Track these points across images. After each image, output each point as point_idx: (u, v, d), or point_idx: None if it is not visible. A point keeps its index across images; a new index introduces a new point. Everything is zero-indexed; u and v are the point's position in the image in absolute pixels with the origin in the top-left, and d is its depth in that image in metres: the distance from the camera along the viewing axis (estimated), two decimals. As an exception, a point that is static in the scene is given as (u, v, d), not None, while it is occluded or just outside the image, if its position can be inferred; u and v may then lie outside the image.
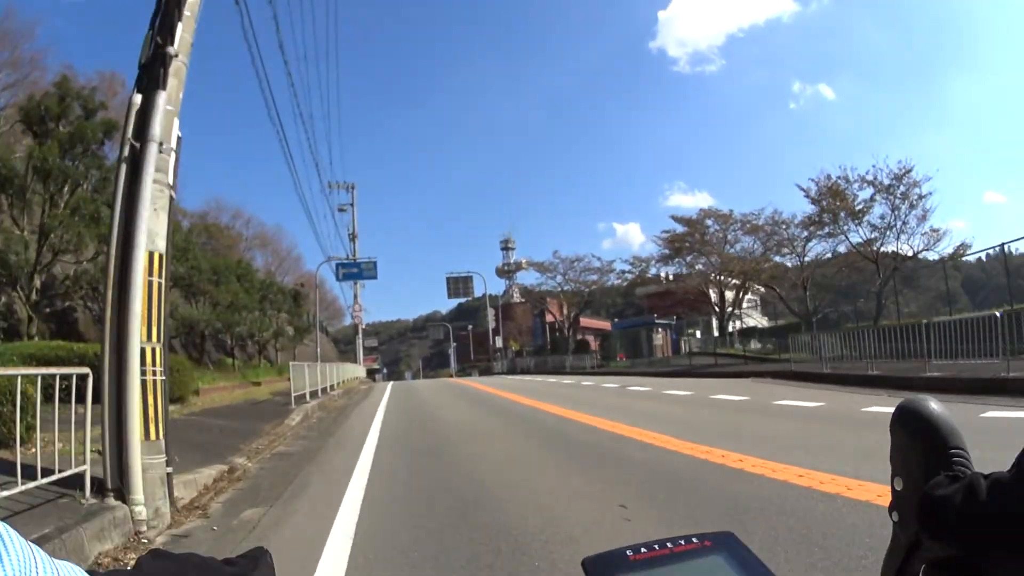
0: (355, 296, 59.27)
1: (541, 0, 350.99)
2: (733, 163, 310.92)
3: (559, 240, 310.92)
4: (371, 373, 71.34)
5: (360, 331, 61.33)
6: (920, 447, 1.06)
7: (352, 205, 60.04)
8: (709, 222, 50.00)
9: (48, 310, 27.85)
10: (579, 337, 65.56)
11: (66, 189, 26.21)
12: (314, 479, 8.17)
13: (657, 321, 60.82)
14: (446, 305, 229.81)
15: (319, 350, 44.46)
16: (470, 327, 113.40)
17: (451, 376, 78.49)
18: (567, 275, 61.08)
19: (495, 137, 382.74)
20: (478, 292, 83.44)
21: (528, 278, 76.18)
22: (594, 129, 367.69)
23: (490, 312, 69.66)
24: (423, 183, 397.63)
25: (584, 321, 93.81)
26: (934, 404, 1.07)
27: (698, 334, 56.21)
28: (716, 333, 55.41)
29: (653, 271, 58.29)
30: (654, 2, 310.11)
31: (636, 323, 64.37)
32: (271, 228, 79.93)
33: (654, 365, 41.92)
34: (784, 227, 44.06)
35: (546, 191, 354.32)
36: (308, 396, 19.69)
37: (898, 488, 1.09)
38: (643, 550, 0.87)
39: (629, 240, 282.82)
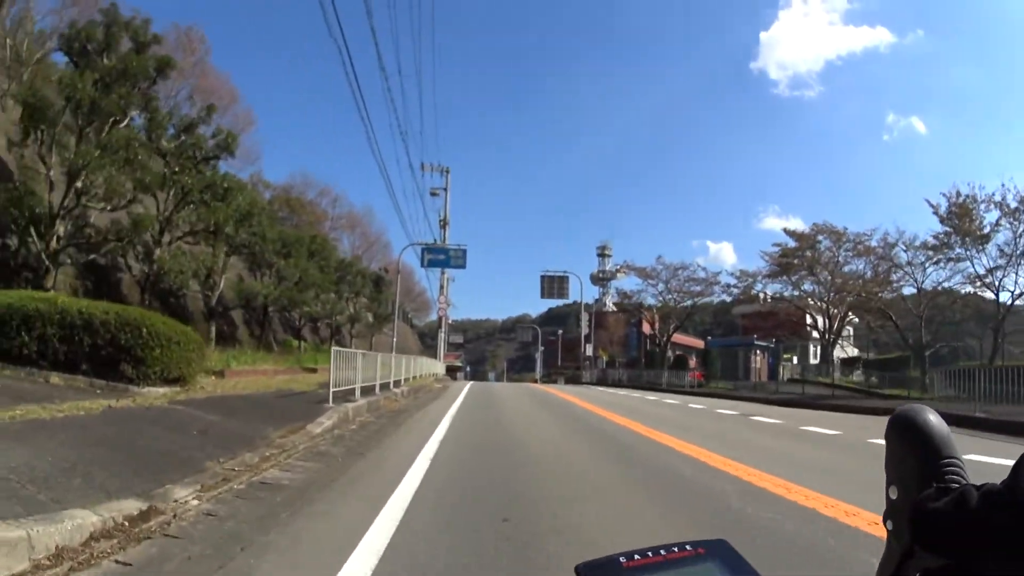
0: (441, 287, 55.03)
1: (646, 10, 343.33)
2: (826, 191, 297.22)
3: (651, 252, 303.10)
4: (452, 371, 67.08)
5: (443, 324, 56.84)
6: (914, 456, 1.05)
7: (445, 190, 55.85)
8: (821, 238, 45.44)
9: (81, 262, 24.17)
10: (677, 353, 59.72)
11: (105, 127, 22.41)
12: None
13: (756, 342, 56.63)
14: (536, 309, 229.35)
15: (395, 339, 40.00)
16: (560, 332, 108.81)
17: (535, 381, 73.82)
18: (669, 283, 55.58)
19: (594, 143, 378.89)
20: (573, 294, 79.00)
21: (627, 284, 70.34)
22: (692, 143, 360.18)
23: (584, 317, 64.52)
24: (517, 183, 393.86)
25: (675, 337, 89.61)
26: (930, 413, 1.07)
27: (795, 360, 53.08)
28: (813, 360, 53.99)
29: (758, 288, 52.87)
30: (757, 22, 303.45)
31: (734, 343, 59.73)
32: (361, 210, 76.26)
33: (759, 390, 37.88)
34: (900, 249, 40.11)
35: (641, 201, 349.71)
36: (358, 393, 15.19)
37: (892, 497, 1.07)
38: (636, 557, 0.88)
39: (722, 259, 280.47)
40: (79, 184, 20.79)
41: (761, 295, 53.79)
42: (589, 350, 65.81)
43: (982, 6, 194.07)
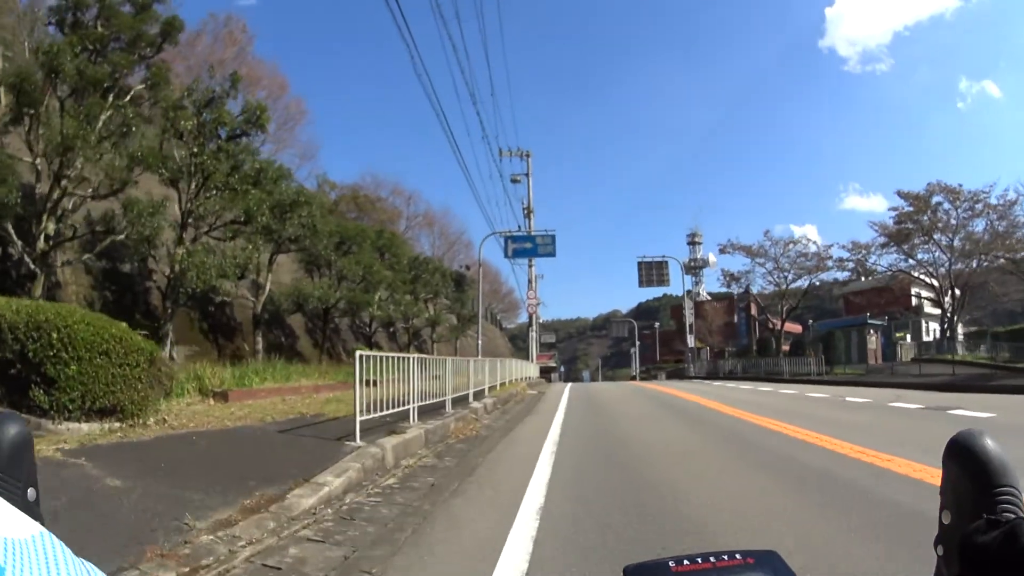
0: (530, 282, 49.61)
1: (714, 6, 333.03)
2: (905, 165, 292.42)
3: (735, 237, 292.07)
4: (546, 372, 61.88)
5: (534, 323, 51.44)
6: (969, 483, 1.04)
7: (527, 175, 50.51)
8: (937, 199, 41.05)
9: (100, 268, 20.08)
10: (793, 338, 53.27)
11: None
12: None
13: (871, 321, 50.80)
14: (627, 304, 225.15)
15: (480, 341, 34.99)
16: (656, 325, 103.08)
17: (632, 378, 68.21)
18: (779, 261, 49.20)
19: (672, 135, 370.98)
20: (674, 279, 73.64)
21: (734, 263, 63.86)
22: (768, 127, 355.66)
23: (687, 304, 58.14)
24: (599, 178, 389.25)
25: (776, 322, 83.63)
26: (988, 439, 1.06)
27: (908, 337, 49.02)
28: (926, 336, 50.61)
29: (872, 260, 47.38)
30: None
31: (845, 323, 53.56)
32: (439, 210, 71.83)
33: (896, 374, 32.10)
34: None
35: (722, 189, 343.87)
36: (414, 416, 10.15)
37: (945, 522, 1.08)
38: (686, 562, 0.90)
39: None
40: (63, 169, 16.48)
41: (874, 268, 48.07)
42: (691, 340, 59.74)
43: None
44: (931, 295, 49.04)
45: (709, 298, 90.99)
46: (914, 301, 55.72)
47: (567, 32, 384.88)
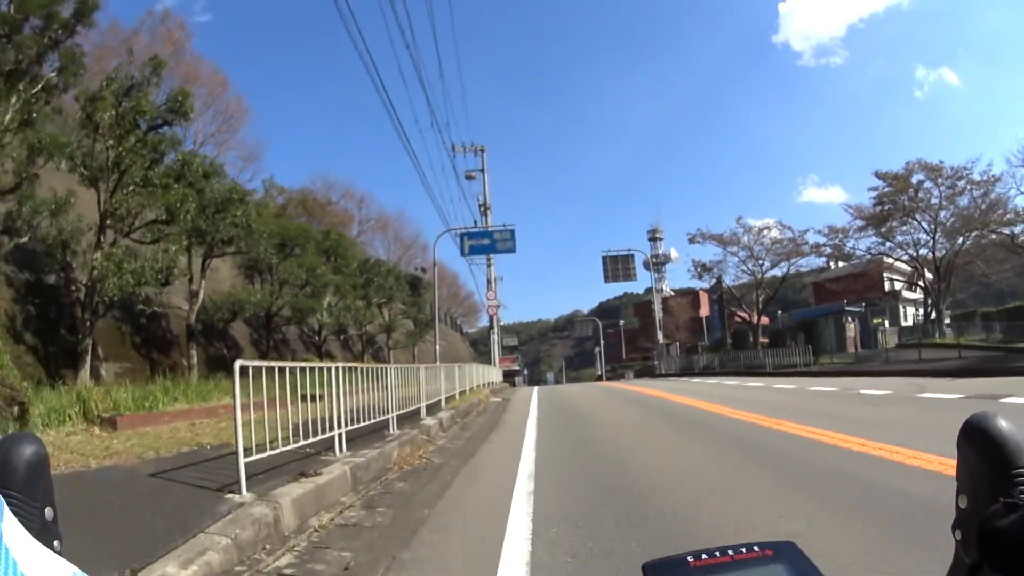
0: (489, 282, 47.20)
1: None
2: (863, 155, 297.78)
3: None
4: (509, 376, 59.37)
5: (495, 325, 49.00)
6: (985, 466, 1.02)
7: (483, 171, 48.19)
8: (919, 177, 40.04)
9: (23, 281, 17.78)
10: (775, 329, 51.35)
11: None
12: None
13: (848, 308, 49.27)
14: (588, 304, 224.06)
15: (438, 347, 32.57)
16: (621, 323, 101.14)
17: (599, 378, 66.16)
18: (752, 249, 47.18)
19: (628, 134, 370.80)
20: (641, 275, 71.70)
21: (704, 254, 61.82)
22: (725, 123, 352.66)
23: (655, 299, 55.97)
24: (556, 179, 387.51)
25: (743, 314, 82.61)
26: (1003, 421, 1.04)
27: (886, 324, 47.04)
28: (905, 322, 50.03)
29: (850, 245, 46.17)
30: None
31: (823, 311, 51.57)
32: (393, 213, 69.06)
33: (891, 362, 29.93)
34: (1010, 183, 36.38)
35: (681, 186, 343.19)
36: (340, 446, 7.90)
37: (962, 506, 1.05)
38: (704, 556, 0.89)
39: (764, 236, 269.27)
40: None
41: (852, 253, 47.14)
42: (660, 336, 57.81)
43: None
44: (908, 279, 49.30)
45: (672, 294, 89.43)
46: (888, 286, 54.94)
47: (521, 30, 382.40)
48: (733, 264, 48.94)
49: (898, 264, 48.16)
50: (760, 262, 47.25)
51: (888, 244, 44.11)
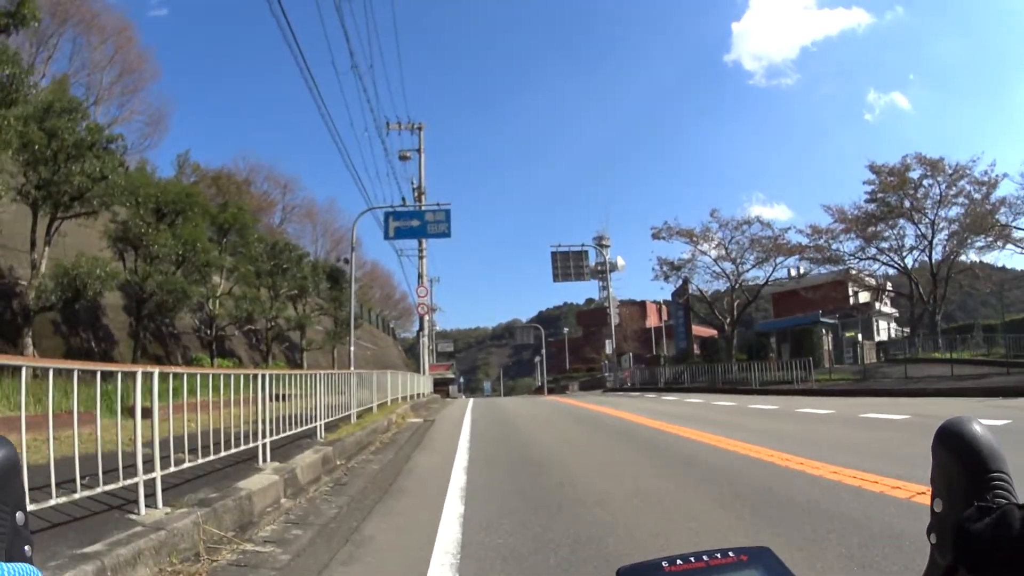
0: (420, 276, 41.46)
1: (616, 11, 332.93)
2: (810, 175, 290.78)
3: (643, 246, 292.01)
4: (442, 384, 53.56)
5: (425, 325, 43.24)
6: (960, 469, 1.04)
7: (419, 151, 42.53)
8: (918, 172, 36.29)
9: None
10: (764, 339, 45.82)
11: None
12: None
13: (823, 320, 43.65)
14: (527, 313, 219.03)
15: (352, 348, 26.86)
16: (565, 331, 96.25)
17: (539, 391, 60.89)
18: (728, 246, 41.56)
19: (575, 145, 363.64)
20: (586, 285, 66.58)
21: (671, 252, 56.07)
22: (673, 138, 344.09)
23: (612, 303, 50.77)
24: (496, 188, 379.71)
25: (697, 329, 78.39)
26: (977, 425, 1.06)
27: (859, 336, 42.81)
28: (880, 336, 46.95)
29: (836, 247, 41.06)
30: (727, 13, 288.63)
31: (794, 322, 45.60)
32: (324, 204, 62.61)
33: (912, 380, 24.35)
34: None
35: (627, 199, 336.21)
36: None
37: (937, 510, 1.07)
38: (679, 562, 0.88)
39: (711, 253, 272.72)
40: None
41: (839, 255, 41.72)
42: (611, 345, 52.68)
43: None
44: (875, 291, 46.73)
45: (618, 303, 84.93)
46: (863, 298, 51.15)
47: (467, 38, 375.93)
48: (704, 265, 42.80)
49: (863, 277, 44.99)
50: (739, 262, 41.34)
51: (871, 249, 39.85)
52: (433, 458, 10.20)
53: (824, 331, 41.55)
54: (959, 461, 1.04)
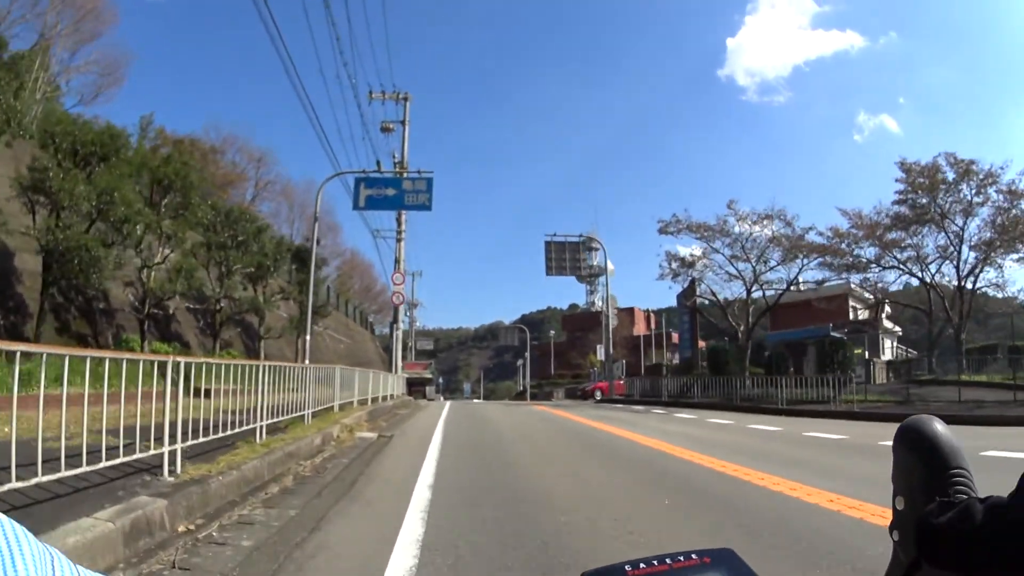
0: (397, 261, 36.95)
1: (614, 20, 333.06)
2: (797, 191, 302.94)
3: (632, 257, 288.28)
4: (418, 385, 49.07)
5: (397, 314, 38.63)
6: (921, 466, 1.06)
7: (404, 123, 38.11)
8: (946, 171, 32.21)
9: None
10: (779, 350, 40.82)
11: None
12: None
13: (834, 335, 38.44)
14: (510, 316, 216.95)
15: (309, 337, 22.50)
16: (552, 333, 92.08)
17: (521, 396, 56.56)
18: (745, 244, 36.48)
19: (562, 154, 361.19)
20: (576, 288, 62.46)
21: (683, 244, 51.86)
22: (664, 151, 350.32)
23: (609, 304, 45.78)
24: (482, 190, 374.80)
25: (677, 336, 74.61)
26: (937, 424, 1.08)
27: (866, 354, 38.89)
28: (886, 355, 43.52)
29: (858, 252, 36.68)
30: (723, 28, 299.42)
31: (808, 334, 41.14)
32: (301, 182, 57.60)
33: (967, 406, 20.71)
34: None
35: (617, 209, 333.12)
36: None
37: (899, 508, 1.08)
38: (642, 565, 0.86)
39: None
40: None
41: (860, 260, 37.13)
42: (603, 351, 48.28)
43: (955, 6, 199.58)
44: (874, 308, 44.09)
45: (602, 309, 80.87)
46: (862, 314, 47.72)
47: (466, 42, 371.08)
48: (716, 264, 37.17)
49: (862, 291, 42.26)
50: (761, 261, 36.03)
51: (889, 258, 35.66)
52: (361, 528, 5.75)
53: (833, 346, 37.65)
54: (920, 459, 1.05)
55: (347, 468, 8.72)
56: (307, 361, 20.75)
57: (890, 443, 1.03)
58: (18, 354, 4.59)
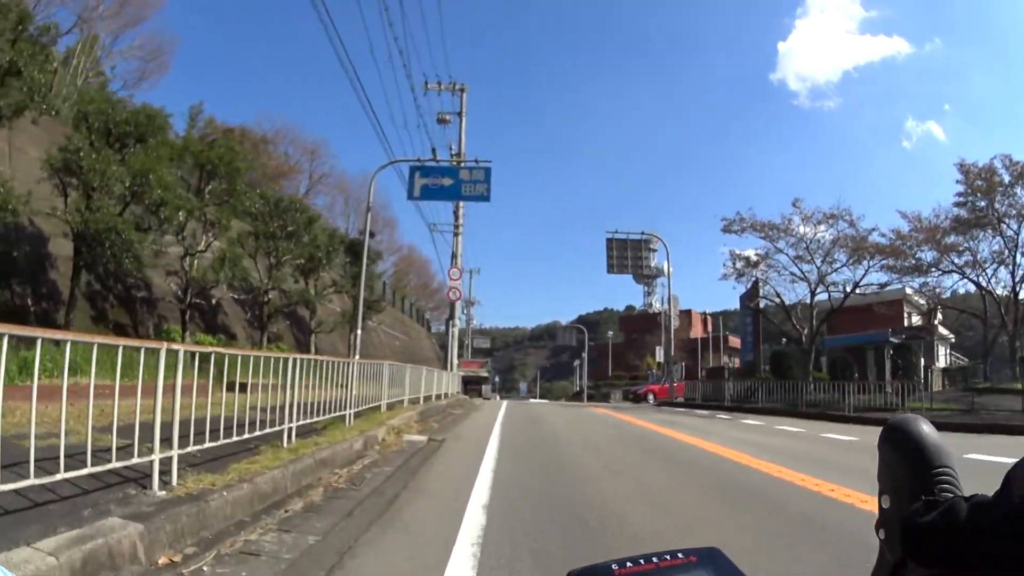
0: (454, 256, 35.83)
1: (668, 21, 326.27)
2: (848, 199, 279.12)
3: (681, 257, 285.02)
4: (474, 383, 47.81)
5: (453, 311, 37.57)
6: (907, 465, 1.06)
7: (460, 115, 37.06)
8: (1002, 174, 30.78)
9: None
10: (837, 354, 38.90)
11: None
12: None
13: (892, 340, 37.92)
14: (567, 316, 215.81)
15: (359, 336, 21.33)
16: (609, 335, 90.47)
17: (579, 396, 55.06)
18: (809, 244, 34.73)
19: (618, 155, 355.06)
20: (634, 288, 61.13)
21: (744, 245, 50.43)
22: (717, 154, 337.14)
23: (672, 309, 43.66)
24: (540, 191, 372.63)
25: (733, 340, 73.16)
26: (923, 423, 1.08)
27: (923, 360, 36.49)
28: (940, 362, 41.75)
29: (920, 255, 35.10)
30: (774, 32, 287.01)
31: (868, 339, 39.86)
32: (358, 178, 56.74)
33: (1001, 411, 21.18)
34: None
35: (667, 212, 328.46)
36: None
37: (885, 506, 1.08)
38: (629, 564, 0.86)
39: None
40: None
41: (922, 263, 35.14)
42: (662, 353, 46.48)
43: (1000, 14, 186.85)
44: (927, 314, 42.76)
45: (660, 311, 79.14)
46: (915, 320, 45.81)
47: (515, 48, 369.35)
48: (780, 265, 35.56)
49: (915, 297, 41.11)
50: (827, 262, 34.33)
51: (946, 262, 34.20)
52: (395, 566, 4.49)
53: (891, 352, 35.72)
54: (905, 458, 1.05)
55: (389, 479, 7.47)
56: (357, 356, 19.74)
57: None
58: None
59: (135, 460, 4.84)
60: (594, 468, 9.15)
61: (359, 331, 21.86)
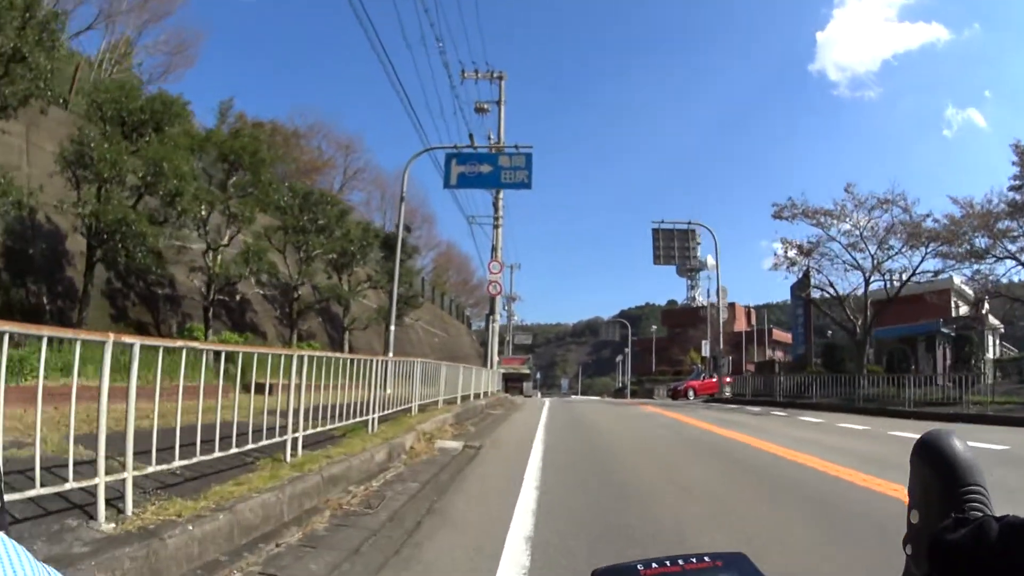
0: (494, 249, 34.67)
1: (706, 12, 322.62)
2: (888, 189, 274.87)
3: (723, 250, 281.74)
4: (515, 381, 46.73)
5: (494, 306, 36.42)
6: (938, 482, 1.04)
7: (499, 104, 35.94)
8: None
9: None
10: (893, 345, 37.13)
11: None
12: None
13: (943, 330, 36.59)
14: (608, 311, 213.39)
15: (392, 329, 20.33)
16: (653, 329, 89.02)
17: (622, 393, 53.66)
18: (863, 231, 33.07)
19: (655, 148, 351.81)
20: (677, 282, 59.50)
21: (796, 232, 48.96)
22: (758, 146, 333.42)
23: (720, 300, 41.79)
24: (582, 182, 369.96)
25: (778, 334, 74.81)
26: (955, 439, 1.06)
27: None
28: (990, 353, 37.47)
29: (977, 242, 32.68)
30: (812, 22, 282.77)
31: (918, 330, 38.57)
32: (393, 172, 55.99)
33: None
34: None
35: (709, 204, 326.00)
36: None
37: (914, 521, 1.07)
38: (654, 565, 0.86)
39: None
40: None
41: (979, 250, 32.54)
42: (709, 346, 44.95)
43: None
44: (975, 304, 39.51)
45: (704, 304, 77.50)
46: (962, 310, 43.81)
47: (550, 36, 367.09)
48: (833, 253, 33.62)
49: (962, 286, 39.45)
50: (882, 249, 32.72)
51: (999, 248, 31.69)
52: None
53: (944, 343, 34.80)
54: (937, 474, 1.02)
55: (412, 499, 6.22)
56: (390, 354, 18.65)
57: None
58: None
59: (68, 486, 3.70)
60: (658, 483, 7.81)
61: (392, 327, 20.75)
